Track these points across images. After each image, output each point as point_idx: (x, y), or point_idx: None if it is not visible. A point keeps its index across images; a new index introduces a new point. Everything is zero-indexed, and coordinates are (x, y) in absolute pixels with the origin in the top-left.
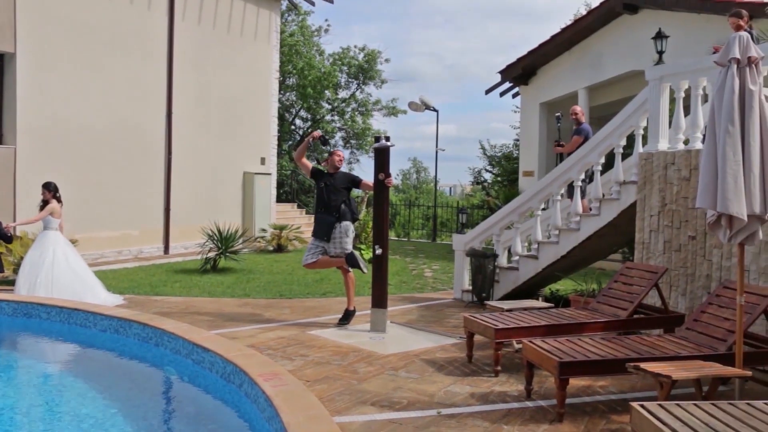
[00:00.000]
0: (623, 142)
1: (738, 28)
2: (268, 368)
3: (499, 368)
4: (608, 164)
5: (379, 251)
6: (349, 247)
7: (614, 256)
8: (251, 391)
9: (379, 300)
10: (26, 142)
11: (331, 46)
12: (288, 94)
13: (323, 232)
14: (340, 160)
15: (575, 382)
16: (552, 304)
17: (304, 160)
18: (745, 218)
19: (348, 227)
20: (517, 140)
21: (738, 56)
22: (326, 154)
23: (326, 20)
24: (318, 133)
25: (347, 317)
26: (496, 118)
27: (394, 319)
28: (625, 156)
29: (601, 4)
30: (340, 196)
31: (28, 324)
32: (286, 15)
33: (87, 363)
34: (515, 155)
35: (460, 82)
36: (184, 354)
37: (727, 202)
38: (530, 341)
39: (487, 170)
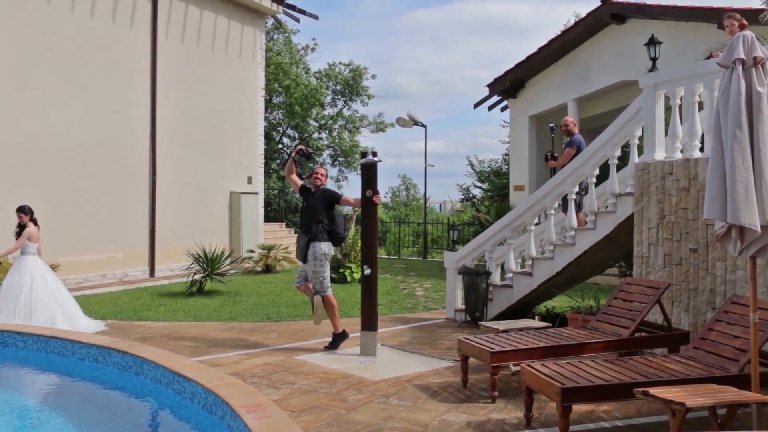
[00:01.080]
0: (618, 153)
1: (741, 27)
2: (251, 399)
3: (496, 393)
4: (603, 176)
5: (368, 271)
6: (322, 270)
7: (610, 271)
8: (234, 424)
9: (369, 322)
10: (2, 160)
11: (317, 63)
12: (275, 112)
13: (300, 252)
14: (318, 177)
15: (577, 408)
16: (549, 324)
17: (293, 176)
18: (759, 229)
19: (321, 249)
20: (506, 155)
21: (743, 57)
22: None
23: (313, 39)
24: (300, 147)
25: (335, 342)
26: (484, 133)
27: (385, 341)
28: (619, 168)
29: (589, 14)
30: (316, 215)
31: (4, 353)
32: (272, 33)
33: (65, 394)
34: (504, 170)
35: (447, 98)
36: (165, 383)
37: (738, 212)
38: (529, 365)
39: (476, 186)
